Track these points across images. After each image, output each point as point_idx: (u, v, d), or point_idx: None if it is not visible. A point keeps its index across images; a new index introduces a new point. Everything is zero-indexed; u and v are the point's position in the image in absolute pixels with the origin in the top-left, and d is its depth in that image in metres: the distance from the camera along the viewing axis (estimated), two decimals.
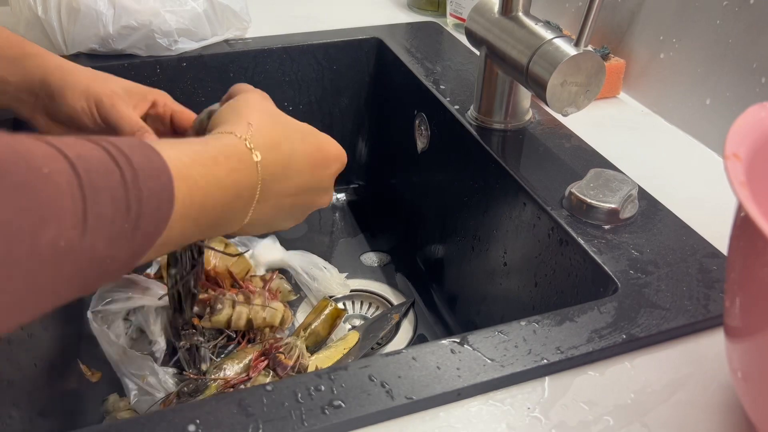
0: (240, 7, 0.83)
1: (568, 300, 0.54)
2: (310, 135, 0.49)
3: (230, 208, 0.40)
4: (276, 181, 0.44)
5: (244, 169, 0.41)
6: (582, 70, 0.56)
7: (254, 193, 0.42)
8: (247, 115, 0.45)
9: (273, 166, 0.43)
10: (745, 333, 0.34)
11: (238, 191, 0.40)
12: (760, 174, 0.34)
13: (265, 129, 0.45)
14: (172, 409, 0.37)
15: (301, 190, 0.47)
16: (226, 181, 0.39)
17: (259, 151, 0.42)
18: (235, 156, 0.40)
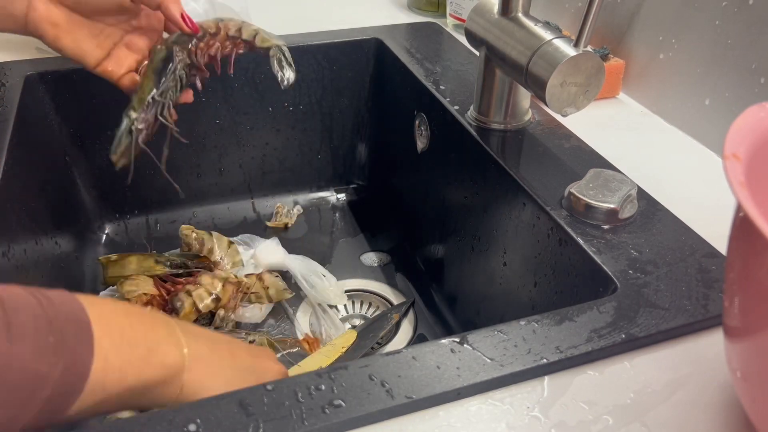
0: (240, 7, 0.83)
1: (567, 300, 0.54)
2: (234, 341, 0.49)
3: (152, 329, 0.40)
4: (190, 328, 0.43)
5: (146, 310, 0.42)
6: (581, 71, 0.56)
7: (170, 322, 0.42)
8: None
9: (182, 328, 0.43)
10: (744, 333, 0.34)
11: (150, 317, 0.41)
12: (759, 174, 0.34)
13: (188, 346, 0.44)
14: (173, 409, 0.37)
15: (235, 349, 0.46)
16: (133, 309, 0.41)
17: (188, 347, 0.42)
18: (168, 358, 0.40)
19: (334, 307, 0.77)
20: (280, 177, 0.93)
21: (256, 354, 0.48)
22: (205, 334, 0.45)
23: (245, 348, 0.48)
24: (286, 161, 0.92)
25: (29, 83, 0.74)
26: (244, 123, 0.87)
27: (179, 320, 0.45)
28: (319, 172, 0.95)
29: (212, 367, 0.43)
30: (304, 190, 0.95)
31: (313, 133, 0.91)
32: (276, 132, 0.90)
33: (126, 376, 0.37)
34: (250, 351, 0.48)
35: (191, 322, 0.67)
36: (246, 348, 0.48)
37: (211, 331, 0.48)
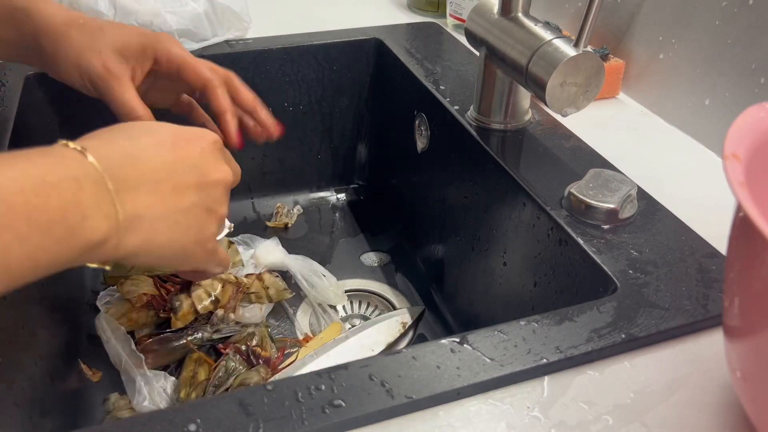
0: (240, 7, 0.83)
1: (567, 300, 0.54)
2: (161, 127, 0.44)
3: (75, 202, 0.35)
4: (127, 167, 0.39)
5: (70, 163, 0.36)
6: (581, 71, 0.56)
7: (100, 179, 0.37)
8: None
9: (112, 156, 0.39)
10: (744, 333, 0.34)
11: (74, 182, 0.36)
12: (759, 174, 0.34)
13: (97, 133, 0.42)
14: (173, 408, 0.37)
15: (173, 170, 0.42)
16: (49, 177, 0.35)
17: (85, 146, 0.38)
18: (54, 154, 0.37)
19: (334, 307, 0.77)
20: (280, 177, 0.93)
21: (200, 173, 0.44)
22: (143, 177, 0.40)
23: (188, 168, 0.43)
24: (286, 161, 0.92)
25: (29, 83, 0.74)
26: None
27: (108, 155, 0.38)
28: (319, 172, 0.95)
29: (154, 227, 0.40)
30: (304, 190, 0.95)
31: (313, 133, 0.91)
32: None
33: (38, 261, 0.34)
34: (196, 168, 0.43)
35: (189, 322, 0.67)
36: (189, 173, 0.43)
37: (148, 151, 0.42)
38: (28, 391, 0.51)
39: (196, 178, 0.44)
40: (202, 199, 0.44)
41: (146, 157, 0.41)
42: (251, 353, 0.65)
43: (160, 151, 0.42)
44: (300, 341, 0.72)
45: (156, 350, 0.66)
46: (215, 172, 0.45)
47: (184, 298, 0.67)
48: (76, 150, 0.37)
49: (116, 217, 0.37)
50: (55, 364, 0.60)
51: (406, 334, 0.70)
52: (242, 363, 0.64)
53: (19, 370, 0.51)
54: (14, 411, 0.48)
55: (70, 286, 0.72)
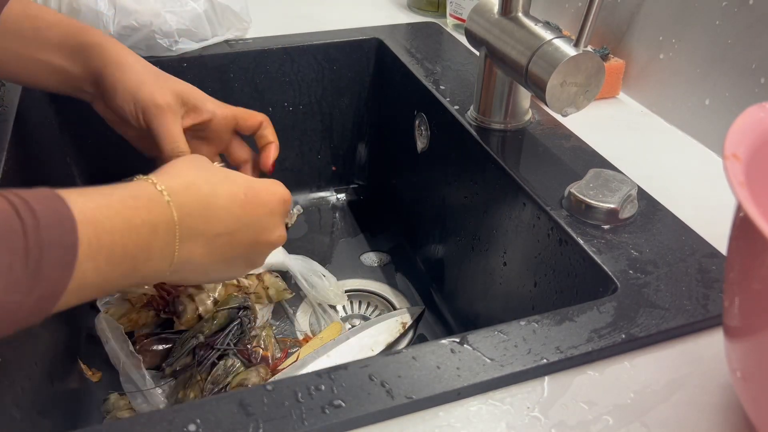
0: (240, 7, 0.83)
1: (567, 300, 0.54)
2: (238, 177, 0.48)
3: (146, 246, 0.40)
4: (198, 218, 0.43)
5: (155, 208, 0.41)
6: (581, 71, 0.56)
7: (172, 229, 0.41)
8: (167, 166, 0.46)
9: (190, 205, 0.43)
10: (744, 333, 0.34)
11: (152, 228, 0.40)
12: (759, 174, 0.34)
13: (180, 172, 0.45)
14: (173, 408, 0.37)
15: (236, 228, 0.46)
16: (135, 220, 0.39)
17: (169, 191, 0.42)
18: (143, 197, 0.41)
19: (334, 307, 0.77)
20: (280, 177, 0.92)
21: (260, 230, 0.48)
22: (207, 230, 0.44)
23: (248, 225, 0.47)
24: (286, 161, 0.92)
25: None
26: None
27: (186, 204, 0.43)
28: (319, 172, 0.95)
29: (195, 270, 0.44)
30: (304, 190, 0.95)
31: (313, 133, 0.91)
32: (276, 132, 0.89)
33: (102, 289, 0.38)
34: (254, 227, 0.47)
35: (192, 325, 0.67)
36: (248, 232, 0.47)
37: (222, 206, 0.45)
38: (28, 391, 0.51)
39: (254, 237, 0.47)
40: (249, 255, 0.48)
41: (217, 208, 0.45)
42: (251, 353, 0.65)
43: (232, 204, 0.46)
44: (300, 341, 0.72)
45: (154, 350, 0.66)
46: (273, 235, 0.49)
47: (188, 302, 0.67)
48: (163, 195, 0.42)
49: (171, 261, 0.42)
50: (55, 364, 0.60)
51: (406, 334, 0.70)
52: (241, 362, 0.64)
53: (19, 370, 0.51)
54: (14, 411, 0.48)
55: None
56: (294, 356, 0.66)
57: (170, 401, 0.62)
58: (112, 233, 0.37)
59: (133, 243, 0.39)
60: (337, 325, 0.72)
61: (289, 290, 0.76)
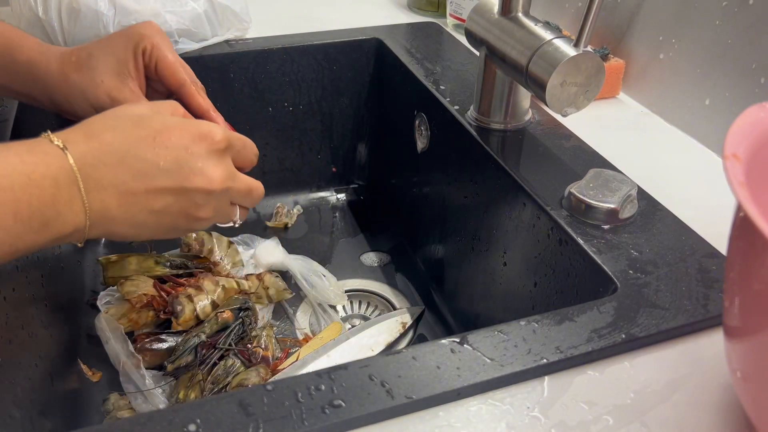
0: (240, 7, 0.83)
1: (567, 300, 0.54)
2: (153, 120, 0.45)
3: (52, 200, 0.39)
4: (102, 167, 0.41)
5: (52, 161, 0.40)
6: (581, 71, 0.56)
7: (74, 180, 0.40)
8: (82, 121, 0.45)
9: (91, 154, 0.41)
10: (744, 333, 0.34)
11: (53, 181, 0.39)
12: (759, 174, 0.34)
13: (87, 123, 0.44)
14: (173, 408, 0.37)
15: (147, 172, 0.43)
16: (34, 175, 0.38)
17: (67, 142, 0.41)
18: (38, 151, 0.40)
19: (334, 307, 0.77)
20: (280, 177, 0.93)
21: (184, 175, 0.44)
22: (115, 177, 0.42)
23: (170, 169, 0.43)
24: (286, 161, 0.92)
25: None
26: (244, 123, 0.87)
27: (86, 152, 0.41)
28: (319, 172, 0.95)
29: (121, 223, 0.43)
30: (304, 190, 0.95)
31: (313, 133, 0.91)
32: (276, 132, 0.90)
33: (16, 248, 0.38)
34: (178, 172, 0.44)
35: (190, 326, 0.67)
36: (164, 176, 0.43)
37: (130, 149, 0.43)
38: (28, 391, 0.51)
39: (174, 182, 0.44)
40: (180, 203, 0.44)
41: (125, 153, 0.42)
42: (252, 353, 0.65)
43: (143, 148, 0.43)
44: (300, 341, 0.72)
45: (154, 350, 0.66)
46: (200, 177, 0.44)
47: (187, 303, 0.67)
48: (59, 147, 0.41)
49: (85, 214, 0.41)
50: (55, 364, 0.60)
51: (406, 334, 0.70)
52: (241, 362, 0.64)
53: (19, 370, 0.51)
54: (14, 411, 0.48)
55: (70, 286, 0.72)
56: (294, 356, 0.66)
57: (170, 401, 0.62)
58: (13, 190, 0.37)
59: (37, 198, 0.38)
60: (337, 325, 0.72)
61: (289, 290, 0.76)
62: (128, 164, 0.42)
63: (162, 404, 0.62)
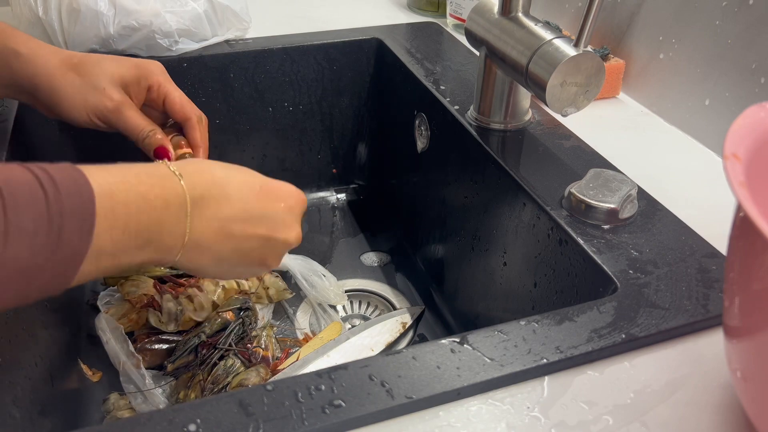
0: (240, 7, 0.83)
1: (567, 300, 0.54)
2: (256, 172, 0.49)
3: (159, 220, 0.41)
4: (210, 199, 0.44)
5: (168, 185, 0.42)
6: (581, 71, 0.56)
7: (184, 205, 0.42)
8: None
9: (202, 185, 0.44)
10: (744, 333, 0.34)
11: (164, 203, 0.41)
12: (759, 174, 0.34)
13: (196, 160, 0.46)
14: (173, 408, 0.37)
15: (250, 216, 0.46)
16: (149, 195, 0.41)
17: (182, 171, 0.43)
18: (156, 174, 0.42)
19: (334, 307, 0.77)
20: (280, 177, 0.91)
21: (275, 226, 0.48)
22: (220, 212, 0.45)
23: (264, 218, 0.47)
24: (286, 161, 0.92)
25: None
26: (244, 123, 0.87)
27: (198, 182, 0.44)
28: (319, 172, 0.95)
29: (208, 255, 0.45)
30: (304, 190, 0.94)
31: (313, 133, 0.91)
32: (276, 132, 0.90)
33: (118, 261, 0.39)
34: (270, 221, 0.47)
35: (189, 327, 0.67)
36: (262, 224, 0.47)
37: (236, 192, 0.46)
38: (28, 391, 0.51)
39: (269, 231, 0.48)
40: (263, 250, 0.48)
41: (231, 191, 0.46)
42: (252, 353, 0.65)
43: (246, 192, 0.47)
44: (300, 341, 0.72)
45: (154, 350, 0.66)
46: (288, 231, 0.49)
47: (187, 304, 0.67)
48: (174, 174, 0.43)
49: (184, 238, 0.43)
50: (55, 364, 0.60)
51: (406, 334, 0.70)
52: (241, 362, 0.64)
53: (19, 370, 0.51)
54: (14, 411, 0.48)
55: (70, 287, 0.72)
56: (294, 356, 0.66)
57: (170, 401, 0.62)
58: (128, 205, 0.39)
59: (147, 216, 0.40)
60: (337, 325, 0.72)
61: (289, 290, 0.76)
62: (233, 203, 0.45)
63: (162, 404, 0.62)
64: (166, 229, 0.42)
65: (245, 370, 0.63)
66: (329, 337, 0.69)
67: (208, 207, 0.44)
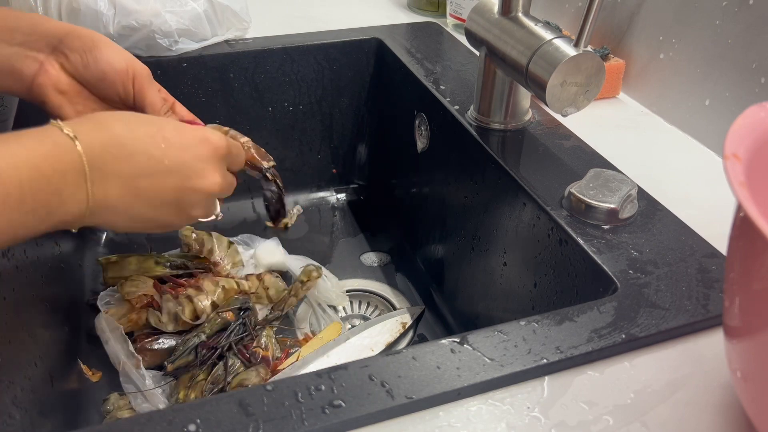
0: (240, 7, 0.83)
1: (567, 300, 0.54)
2: (165, 122, 0.46)
3: (57, 191, 0.39)
4: (110, 158, 0.42)
5: (62, 154, 0.40)
6: (582, 71, 0.56)
7: (81, 170, 0.40)
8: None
9: (100, 145, 0.42)
10: (744, 333, 0.34)
11: (61, 175, 0.39)
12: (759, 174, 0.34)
13: (97, 115, 0.44)
14: (173, 408, 0.37)
15: (155, 170, 0.44)
16: (44, 169, 0.39)
17: (77, 131, 0.41)
18: (48, 141, 0.40)
19: (334, 307, 0.77)
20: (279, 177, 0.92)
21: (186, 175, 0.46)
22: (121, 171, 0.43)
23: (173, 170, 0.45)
24: (286, 161, 0.92)
25: None
26: (244, 123, 0.87)
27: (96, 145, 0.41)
28: (319, 172, 0.95)
29: (119, 215, 0.44)
30: (304, 190, 0.95)
31: (313, 133, 0.91)
32: (276, 132, 0.90)
33: (17, 235, 0.39)
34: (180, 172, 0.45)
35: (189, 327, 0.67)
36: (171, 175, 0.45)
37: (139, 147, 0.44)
38: (28, 391, 0.51)
39: (180, 182, 0.46)
40: (177, 201, 0.46)
41: (133, 148, 0.43)
42: (252, 353, 0.65)
43: (151, 145, 0.44)
44: (300, 341, 0.71)
45: (154, 350, 0.66)
46: (202, 179, 0.47)
47: (186, 303, 0.67)
48: (69, 136, 0.40)
49: (87, 203, 0.41)
50: (55, 364, 0.60)
51: (406, 334, 0.70)
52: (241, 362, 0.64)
53: (19, 370, 0.51)
54: (14, 411, 0.48)
55: (70, 286, 0.72)
56: (294, 356, 0.66)
57: (170, 401, 0.62)
58: (21, 183, 0.37)
59: (44, 190, 0.39)
60: (337, 325, 0.72)
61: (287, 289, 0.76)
62: (135, 159, 0.43)
63: (162, 404, 0.62)
64: (66, 198, 0.40)
65: (245, 370, 0.63)
66: (329, 337, 0.69)
67: (109, 166, 0.42)
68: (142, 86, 0.56)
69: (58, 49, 0.54)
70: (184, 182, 0.46)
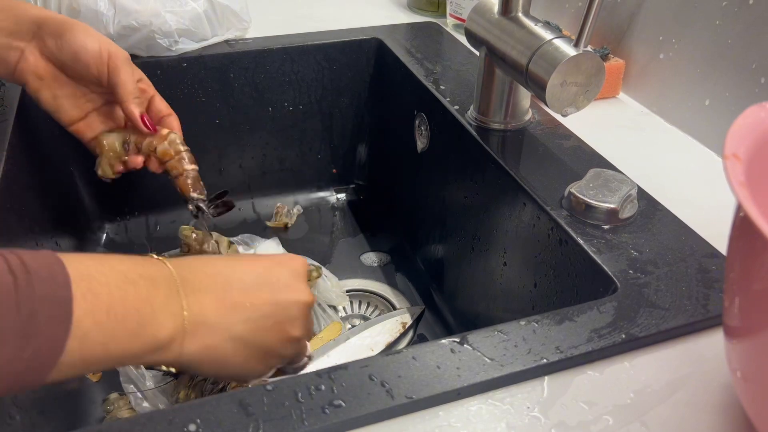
0: (240, 7, 0.83)
1: (567, 300, 0.54)
2: (257, 257, 0.48)
3: (147, 297, 0.38)
4: (202, 274, 0.42)
5: (149, 264, 0.40)
6: (582, 71, 0.56)
7: (171, 280, 0.40)
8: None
9: (188, 263, 0.42)
10: (744, 333, 0.34)
11: (150, 281, 0.39)
12: (759, 174, 0.34)
13: (190, 259, 0.44)
14: (173, 408, 0.37)
15: (247, 285, 0.44)
16: (131, 274, 0.38)
17: (165, 259, 0.41)
18: (136, 258, 0.40)
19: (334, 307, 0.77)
20: (280, 177, 0.93)
21: (278, 288, 0.45)
22: (214, 285, 0.42)
23: (264, 284, 0.45)
24: (286, 161, 0.92)
25: None
26: (244, 123, 0.87)
27: (185, 265, 0.42)
28: (319, 172, 0.95)
29: (219, 332, 0.42)
30: (304, 190, 0.95)
31: (313, 133, 0.91)
32: (276, 132, 0.90)
33: (109, 350, 0.36)
34: (271, 286, 0.45)
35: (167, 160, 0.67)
36: (264, 289, 0.44)
37: (225, 268, 0.44)
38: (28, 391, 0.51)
39: (272, 294, 0.45)
40: (277, 317, 0.45)
41: (219, 267, 0.44)
42: None
43: (235, 265, 0.45)
44: None
45: None
46: (294, 292, 0.46)
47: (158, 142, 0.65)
48: (159, 259, 0.41)
49: (182, 316, 0.40)
50: None
51: (406, 334, 0.70)
52: None
53: None
54: (14, 411, 0.48)
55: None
56: None
57: (170, 401, 0.62)
58: (108, 285, 0.36)
59: (133, 295, 0.37)
60: (337, 325, 0.72)
61: None
62: (224, 274, 0.43)
63: (162, 404, 0.62)
64: (158, 306, 0.38)
65: None
66: (329, 337, 0.68)
67: (201, 281, 0.42)
68: (116, 66, 0.59)
69: (37, 35, 0.58)
70: (277, 294, 0.45)
